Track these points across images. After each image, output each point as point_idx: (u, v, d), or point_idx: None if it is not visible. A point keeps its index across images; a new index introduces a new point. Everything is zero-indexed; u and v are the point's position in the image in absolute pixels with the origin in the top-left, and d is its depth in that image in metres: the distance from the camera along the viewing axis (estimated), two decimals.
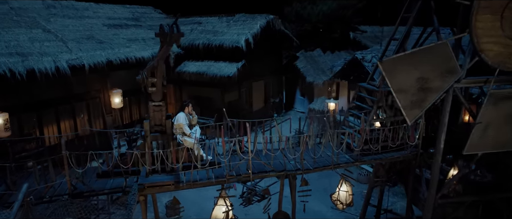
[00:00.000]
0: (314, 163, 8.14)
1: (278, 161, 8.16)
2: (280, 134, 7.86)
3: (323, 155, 8.35)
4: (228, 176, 7.63)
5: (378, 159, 8.46)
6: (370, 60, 13.07)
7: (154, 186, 7.22)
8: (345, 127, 9.24)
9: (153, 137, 7.74)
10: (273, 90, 20.74)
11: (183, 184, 7.37)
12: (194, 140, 7.94)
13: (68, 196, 7.00)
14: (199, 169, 7.46)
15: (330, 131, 7.94)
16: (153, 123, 7.81)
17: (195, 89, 17.90)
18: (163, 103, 7.78)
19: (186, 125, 7.98)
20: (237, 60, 16.68)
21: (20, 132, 12.62)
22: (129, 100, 16.46)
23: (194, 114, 8.44)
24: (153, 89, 7.65)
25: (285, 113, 21.59)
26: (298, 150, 8.38)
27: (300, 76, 20.07)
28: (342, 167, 8.39)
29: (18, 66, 11.71)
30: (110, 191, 7.22)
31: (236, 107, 17.87)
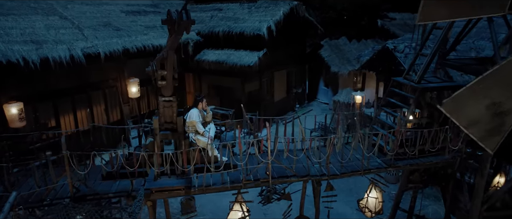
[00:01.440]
0: (342, 168, 7.13)
1: (301, 165, 7.20)
2: (303, 135, 6.87)
3: (351, 158, 7.32)
4: (245, 181, 6.74)
5: (414, 164, 7.35)
6: (402, 50, 11.78)
7: (163, 190, 6.41)
8: (377, 126, 8.14)
9: (163, 135, 6.91)
10: (296, 80, 19.63)
11: (194, 189, 6.53)
12: (208, 139, 7.07)
13: (70, 199, 6.30)
14: (212, 172, 6.59)
15: (361, 132, 6.88)
16: (163, 120, 6.96)
17: (215, 78, 17.03)
18: (174, 98, 6.90)
19: (199, 123, 7.09)
20: (258, 48, 15.66)
21: (35, 122, 12.13)
22: (146, 89, 15.76)
23: (209, 110, 7.54)
24: (163, 83, 6.77)
25: (308, 104, 20.49)
26: (324, 151, 7.39)
27: (324, 65, 18.86)
28: (373, 172, 7.35)
29: (32, 54, 11.11)
30: (115, 195, 6.48)
31: (257, 97, 16.94)
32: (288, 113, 18.85)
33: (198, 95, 7.36)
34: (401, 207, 9.41)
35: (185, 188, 6.38)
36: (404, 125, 7.18)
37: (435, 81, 7.66)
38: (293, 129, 8.95)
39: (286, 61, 18.20)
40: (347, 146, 8.13)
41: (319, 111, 19.52)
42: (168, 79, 6.68)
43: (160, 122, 6.92)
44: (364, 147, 6.98)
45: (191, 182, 6.57)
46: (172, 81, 6.73)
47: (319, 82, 20.98)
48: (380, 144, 7.25)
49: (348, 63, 17.73)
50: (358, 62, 16.21)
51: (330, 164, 7.01)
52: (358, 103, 14.00)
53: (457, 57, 8.96)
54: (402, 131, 6.96)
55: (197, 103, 7.26)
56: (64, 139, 6.08)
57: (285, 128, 8.47)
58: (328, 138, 6.74)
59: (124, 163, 6.29)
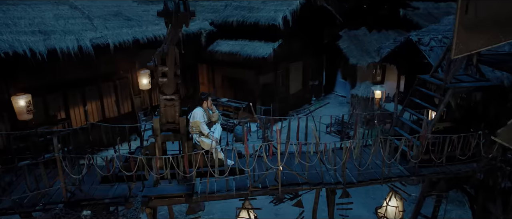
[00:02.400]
0: (359, 175, 6.38)
1: (314, 170, 6.49)
2: (317, 139, 6.13)
3: (370, 165, 6.54)
4: (252, 188, 6.09)
5: (441, 173, 6.53)
6: (427, 43, 10.77)
7: (162, 197, 5.84)
8: (398, 128, 7.31)
9: (164, 137, 6.31)
10: (312, 72, 18.74)
11: (197, 196, 5.93)
12: (212, 141, 6.43)
13: (64, 204, 5.80)
14: (216, 179, 5.97)
15: (381, 137, 6.09)
16: (164, 120, 6.36)
17: (229, 70, 16.34)
18: (177, 96, 6.27)
19: (203, 123, 6.45)
20: (273, 39, 14.86)
21: (45, 114, 11.80)
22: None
23: (215, 110, 6.88)
24: (164, 80, 6.15)
25: (325, 96, 19.61)
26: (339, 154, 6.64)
27: (342, 57, 17.87)
28: (395, 181, 6.57)
29: (39, 45, 10.67)
30: (112, 201, 5.94)
31: (271, 90, 16.19)
32: (304, 106, 18.07)
33: (203, 93, 6.72)
34: (422, 212, 8.61)
35: (186, 196, 5.78)
36: (430, 130, 6.34)
37: (467, 79, 6.76)
38: (307, 123, 8.16)
39: (302, 52, 17.33)
40: (365, 149, 7.36)
41: (336, 104, 18.66)
42: (169, 76, 6.05)
43: (161, 122, 6.32)
44: (385, 152, 6.20)
45: (193, 188, 5.97)
46: (173, 78, 6.10)
47: (336, 74, 20.03)
48: (402, 149, 6.44)
49: (368, 55, 16.72)
50: (378, 54, 15.20)
51: (346, 170, 6.29)
52: (378, 99, 13.10)
53: (490, 52, 7.97)
54: (428, 137, 6.14)
55: (201, 102, 6.62)
56: (57, 140, 5.54)
57: (298, 126, 7.71)
58: (345, 143, 5.98)
59: (121, 167, 5.73)
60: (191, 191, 5.84)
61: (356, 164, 6.40)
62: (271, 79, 16.07)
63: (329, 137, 14.23)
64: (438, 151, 6.38)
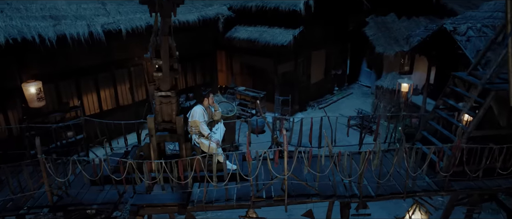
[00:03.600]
0: (378, 188, 5.48)
1: (327, 179, 5.63)
2: (330, 148, 5.23)
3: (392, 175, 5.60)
4: (254, 198, 5.33)
5: (476, 188, 5.52)
6: (464, 33, 9.47)
7: (153, 206, 5.18)
8: (427, 134, 6.28)
9: (160, 137, 5.62)
10: (336, 61, 17.56)
11: (193, 205, 5.24)
12: (214, 143, 5.68)
13: (49, 209, 5.26)
14: (215, 187, 5.23)
15: (406, 145, 5.13)
16: (160, 118, 5.65)
17: (247, 57, 15.47)
18: (173, 93, 5.54)
19: (203, 123, 5.69)
20: (294, 26, 13.81)
21: (58, 101, 11.44)
22: None
23: (217, 108, 6.10)
24: (159, 75, 5.42)
25: (348, 86, 18.42)
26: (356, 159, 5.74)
27: (368, 45, 16.56)
28: (420, 195, 5.61)
29: (49, 31, 10.17)
30: (101, 206, 5.34)
31: (291, 79, 15.22)
32: (325, 96, 17.01)
33: (204, 89, 5.96)
34: None
35: (180, 205, 5.09)
36: (465, 139, 5.32)
37: None
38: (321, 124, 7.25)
39: (325, 40, 16.17)
40: (387, 155, 6.41)
41: (359, 95, 17.49)
42: (164, 70, 5.30)
43: (157, 121, 5.62)
44: (409, 163, 5.24)
45: (189, 196, 5.28)
46: (169, 73, 5.34)
47: (361, 63, 18.74)
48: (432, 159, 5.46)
49: (396, 43, 15.36)
50: (407, 43, 13.88)
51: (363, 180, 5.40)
52: (404, 92, 11.91)
53: None
54: (463, 147, 5.13)
55: (202, 99, 5.84)
56: (39, 141, 4.95)
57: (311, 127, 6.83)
58: (363, 152, 5.07)
59: (110, 171, 5.09)
60: (185, 201, 5.13)
61: (375, 174, 5.49)
62: (291, 67, 15.09)
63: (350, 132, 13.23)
64: (474, 163, 5.36)
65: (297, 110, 15.50)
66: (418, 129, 6.70)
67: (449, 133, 5.79)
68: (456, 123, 5.63)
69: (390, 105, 13.63)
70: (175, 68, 5.43)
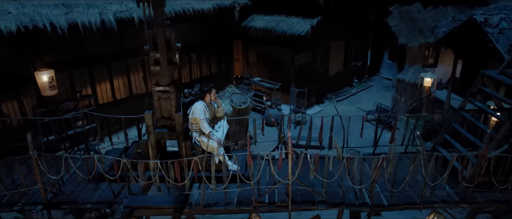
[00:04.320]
0: (392, 196, 4.96)
1: (335, 185, 5.15)
2: (338, 152, 4.72)
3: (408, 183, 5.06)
4: (256, 203, 4.92)
5: (504, 201, 4.91)
6: (496, 25, 8.59)
7: (148, 208, 4.86)
8: (450, 138, 5.66)
9: (158, 134, 5.26)
10: (356, 52, 16.75)
11: (190, 208, 4.89)
12: (215, 142, 5.28)
13: (43, 207, 5.03)
14: (214, 190, 4.85)
15: (425, 154, 4.56)
16: (159, 115, 5.28)
17: (263, 47, 14.94)
18: (173, 88, 5.15)
19: (204, 120, 5.28)
20: (312, 15, 13.14)
21: (72, 89, 11.33)
22: (188, 57, 14.24)
23: (220, 103, 5.68)
24: (157, 69, 5.03)
25: (368, 79, 17.60)
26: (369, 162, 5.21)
27: (391, 36, 15.67)
28: (439, 207, 5.05)
29: (60, 19, 9.96)
30: (95, 205, 5.07)
31: (309, 70, 14.61)
32: (344, 89, 16.31)
33: (206, 84, 5.50)
34: None
35: (175, 210, 4.74)
36: (494, 146, 4.69)
37: None
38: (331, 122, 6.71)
39: (345, 30, 15.38)
40: (403, 159, 5.84)
41: (379, 88, 16.68)
42: (162, 64, 4.90)
43: (156, 117, 5.26)
44: (427, 172, 4.68)
45: (186, 199, 4.92)
46: (168, 67, 4.94)
47: (383, 55, 17.84)
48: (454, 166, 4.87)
49: (420, 34, 14.44)
50: (432, 34, 12.98)
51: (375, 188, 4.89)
52: (427, 87, 11.12)
53: None
54: (491, 156, 4.52)
55: (203, 95, 5.43)
56: (30, 137, 4.68)
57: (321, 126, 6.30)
58: (375, 158, 4.54)
59: (103, 170, 4.78)
60: (181, 204, 4.78)
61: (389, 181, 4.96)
62: (308, 58, 14.47)
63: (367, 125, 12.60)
64: (503, 173, 4.74)
65: (314, 103, 14.92)
66: (440, 131, 6.08)
67: (474, 139, 5.17)
68: (484, 127, 5.00)
69: (412, 100, 12.85)
70: (174, 61, 5.02)
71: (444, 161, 4.97)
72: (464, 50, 11.26)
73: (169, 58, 4.93)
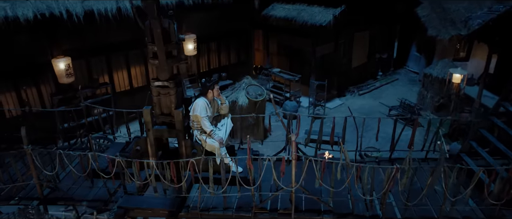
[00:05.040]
0: (406, 209, 4.45)
1: (345, 194, 4.69)
2: (347, 159, 4.25)
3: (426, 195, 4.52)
4: (256, 209, 4.56)
5: None
6: None
7: (142, 210, 4.59)
8: (477, 145, 5.04)
9: (157, 131, 4.96)
10: (382, 44, 15.86)
11: (187, 211, 4.59)
12: (216, 141, 4.93)
13: (39, 202, 4.87)
14: (211, 194, 4.52)
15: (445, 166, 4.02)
16: (158, 111, 4.97)
17: (284, 37, 14.38)
18: (172, 83, 4.81)
19: (205, 118, 4.93)
20: (335, 4, 12.42)
21: (89, 77, 11.29)
22: (207, 46, 13.91)
23: (224, 100, 5.29)
24: (155, 62, 4.70)
25: (394, 72, 16.69)
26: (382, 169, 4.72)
27: (420, 27, 14.69)
28: None
29: (77, 7, 9.83)
30: (91, 204, 4.87)
31: (331, 62, 13.97)
32: (367, 82, 15.54)
33: (208, 80, 5.11)
34: None
35: (169, 213, 4.45)
36: None
37: None
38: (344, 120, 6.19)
39: (370, 20, 14.53)
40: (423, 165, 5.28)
41: (405, 82, 15.80)
42: (160, 58, 4.55)
43: (155, 113, 4.96)
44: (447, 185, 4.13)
45: (182, 202, 4.62)
46: (166, 61, 4.59)
47: (411, 47, 16.83)
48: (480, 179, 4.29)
49: (452, 26, 13.38)
50: (465, 26, 11.99)
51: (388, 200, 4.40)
52: (456, 84, 10.29)
53: None
54: None
55: (205, 91, 5.06)
56: (24, 131, 4.49)
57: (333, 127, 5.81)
58: (389, 168, 4.04)
59: (97, 168, 4.54)
60: (176, 207, 4.48)
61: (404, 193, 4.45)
62: (330, 49, 13.80)
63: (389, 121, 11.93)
64: None
65: (335, 96, 14.29)
66: (466, 136, 5.45)
67: (506, 149, 4.54)
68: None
69: (439, 96, 12.01)
70: (174, 55, 4.67)
71: (468, 172, 4.40)
72: (500, 44, 10.29)
73: (168, 52, 4.58)
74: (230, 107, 10.80)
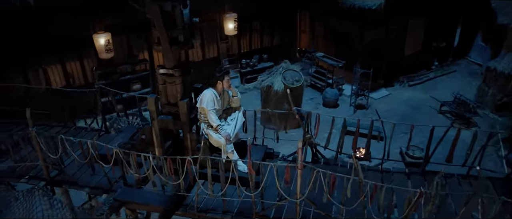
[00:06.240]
0: None
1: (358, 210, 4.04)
2: (360, 177, 3.56)
3: None
4: (258, 216, 4.08)
5: None
6: None
7: (137, 204, 4.33)
8: None
9: (162, 122, 4.62)
10: (440, 31, 14.13)
11: (184, 210, 4.25)
12: (223, 137, 4.48)
13: (46, 183, 4.83)
14: (210, 196, 4.12)
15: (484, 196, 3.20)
16: (164, 100, 4.62)
17: (330, 20, 13.30)
18: (178, 72, 4.38)
19: (213, 112, 4.46)
20: None
21: (129, 53, 11.38)
22: (249, 26, 13.35)
23: (236, 92, 4.77)
24: (159, 48, 4.30)
25: (452, 62, 14.85)
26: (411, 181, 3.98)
27: (489, 13, 12.82)
28: None
29: None
30: (92, 190, 4.72)
31: (380, 49, 12.74)
32: (420, 72, 14.01)
33: (219, 69, 4.60)
34: None
35: (164, 211, 4.13)
36: None
37: None
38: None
39: (427, 4, 12.88)
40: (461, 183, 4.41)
41: (464, 74, 14.03)
42: (163, 45, 4.14)
43: (161, 103, 4.61)
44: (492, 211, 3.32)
45: (180, 200, 4.29)
46: (171, 48, 4.17)
47: (475, 35, 14.83)
48: None
49: None
50: None
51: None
52: None
53: None
54: None
55: (214, 81, 4.57)
56: (29, 113, 4.38)
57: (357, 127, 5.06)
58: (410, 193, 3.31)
59: (97, 157, 4.33)
60: (171, 205, 4.15)
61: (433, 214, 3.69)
62: (380, 35, 12.55)
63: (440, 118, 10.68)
64: None
65: (382, 85, 13.09)
66: None
67: None
68: None
69: (502, 93, 10.46)
70: (180, 41, 4.22)
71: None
72: None
73: (173, 38, 4.14)
74: (265, 92, 10.40)
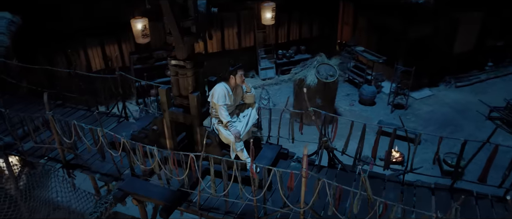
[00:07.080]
0: None
1: None
2: (369, 194, 3.16)
3: None
4: None
5: None
6: None
7: (139, 196, 4.24)
8: None
9: (173, 114, 4.48)
10: (497, 28, 12.74)
11: (187, 206, 4.12)
12: (232, 134, 4.26)
13: (62, 165, 4.92)
14: (213, 195, 3.93)
15: None
16: (176, 92, 4.46)
17: (374, 13, 12.50)
18: (191, 64, 4.19)
19: (224, 107, 4.22)
20: None
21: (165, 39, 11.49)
22: (288, 16, 12.89)
23: (250, 88, 4.49)
24: (171, 38, 4.13)
25: (510, 63, 13.44)
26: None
27: None
28: None
29: None
30: (102, 177, 4.72)
31: (426, 45, 11.77)
32: (470, 73, 12.80)
33: (233, 63, 4.33)
34: None
35: (164, 208, 4.00)
36: None
37: None
38: None
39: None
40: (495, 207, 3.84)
41: None
42: (174, 35, 3.97)
43: (173, 94, 4.48)
44: None
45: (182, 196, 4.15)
46: (181, 39, 3.98)
47: None
48: None
49: None
50: None
51: None
52: None
53: None
54: None
55: (227, 76, 4.33)
56: (46, 97, 4.44)
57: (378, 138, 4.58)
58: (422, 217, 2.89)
59: (107, 144, 4.30)
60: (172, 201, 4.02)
61: None
62: (427, 31, 11.57)
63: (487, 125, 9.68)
64: None
65: (425, 85, 12.11)
66: None
67: None
68: None
69: None
70: (192, 32, 4.02)
71: None
72: None
73: (185, 28, 3.94)
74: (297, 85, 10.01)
